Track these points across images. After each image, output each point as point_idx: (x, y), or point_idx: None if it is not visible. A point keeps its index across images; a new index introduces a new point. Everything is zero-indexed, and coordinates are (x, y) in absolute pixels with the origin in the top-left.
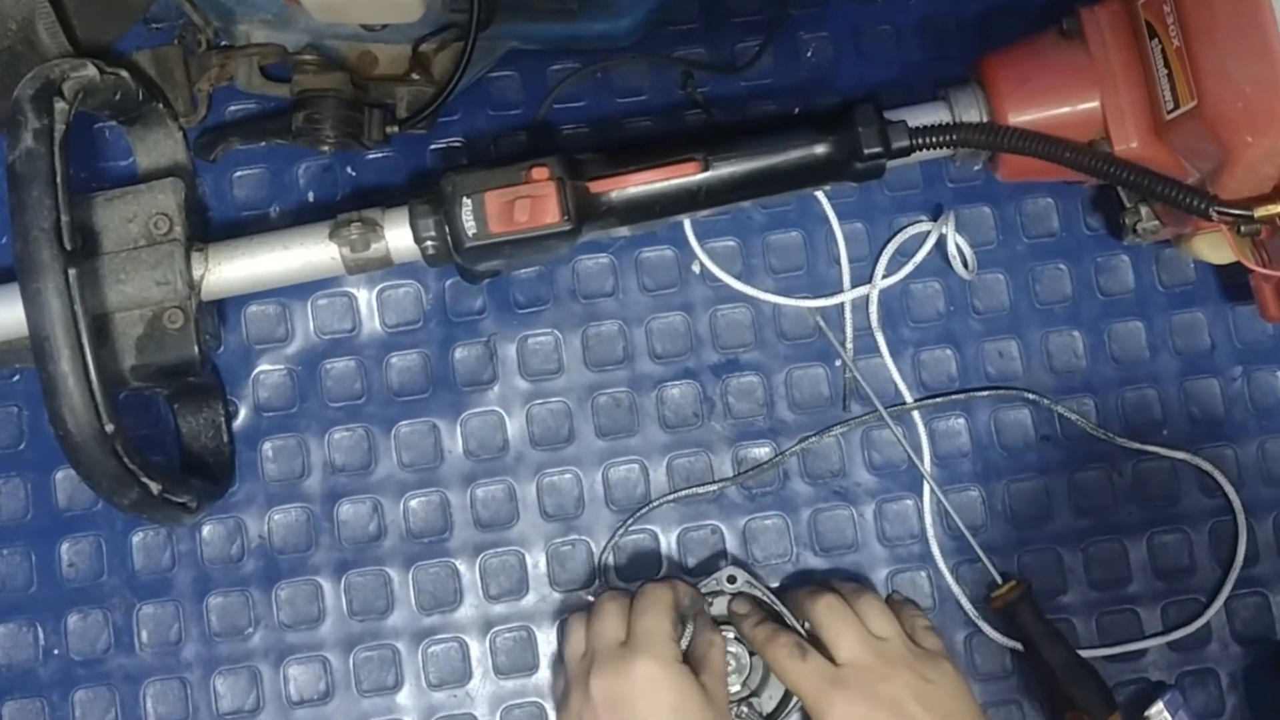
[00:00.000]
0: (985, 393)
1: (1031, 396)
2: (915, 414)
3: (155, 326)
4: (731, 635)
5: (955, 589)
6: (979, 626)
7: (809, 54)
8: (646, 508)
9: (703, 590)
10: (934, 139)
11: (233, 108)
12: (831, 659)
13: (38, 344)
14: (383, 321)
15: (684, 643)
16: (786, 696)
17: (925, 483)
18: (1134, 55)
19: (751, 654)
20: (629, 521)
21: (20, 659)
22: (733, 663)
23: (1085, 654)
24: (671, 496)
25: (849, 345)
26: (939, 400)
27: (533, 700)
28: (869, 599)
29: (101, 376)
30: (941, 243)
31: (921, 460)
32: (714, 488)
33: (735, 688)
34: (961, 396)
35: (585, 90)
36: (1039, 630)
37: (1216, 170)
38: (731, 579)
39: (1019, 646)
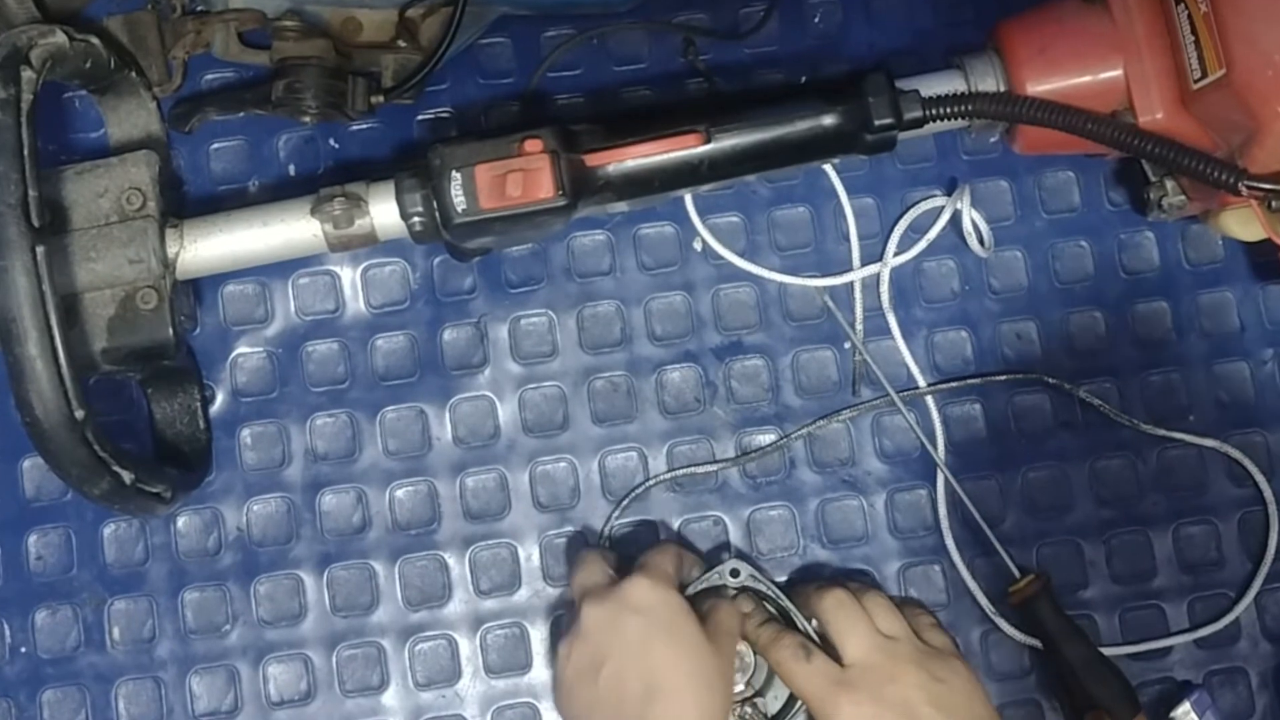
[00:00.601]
0: (1002, 377)
1: (1051, 381)
2: (929, 399)
3: (128, 307)
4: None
5: (971, 584)
6: (995, 623)
7: (816, 19)
8: (642, 486)
9: (704, 585)
10: (948, 109)
11: (209, 76)
12: (838, 659)
13: (3, 325)
14: (367, 302)
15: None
16: (792, 698)
17: (939, 471)
18: (1159, 21)
19: (757, 653)
20: (625, 501)
21: None
22: (737, 661)
23: (1107, 652)
24: (667, 475)
25: (859, 327)
26: (954, 385)
27: (525, 701)
28: (876, 596)
29: (71, 360)
30: (956, 219)
31: (935, 448)
32: (714, 467)
33: (739, 687)
34: (977, 381)
35: (581, 58)
36: (1059, 627)
37: (1246, 142)
38: (735, 572)
39: (1038, 644)
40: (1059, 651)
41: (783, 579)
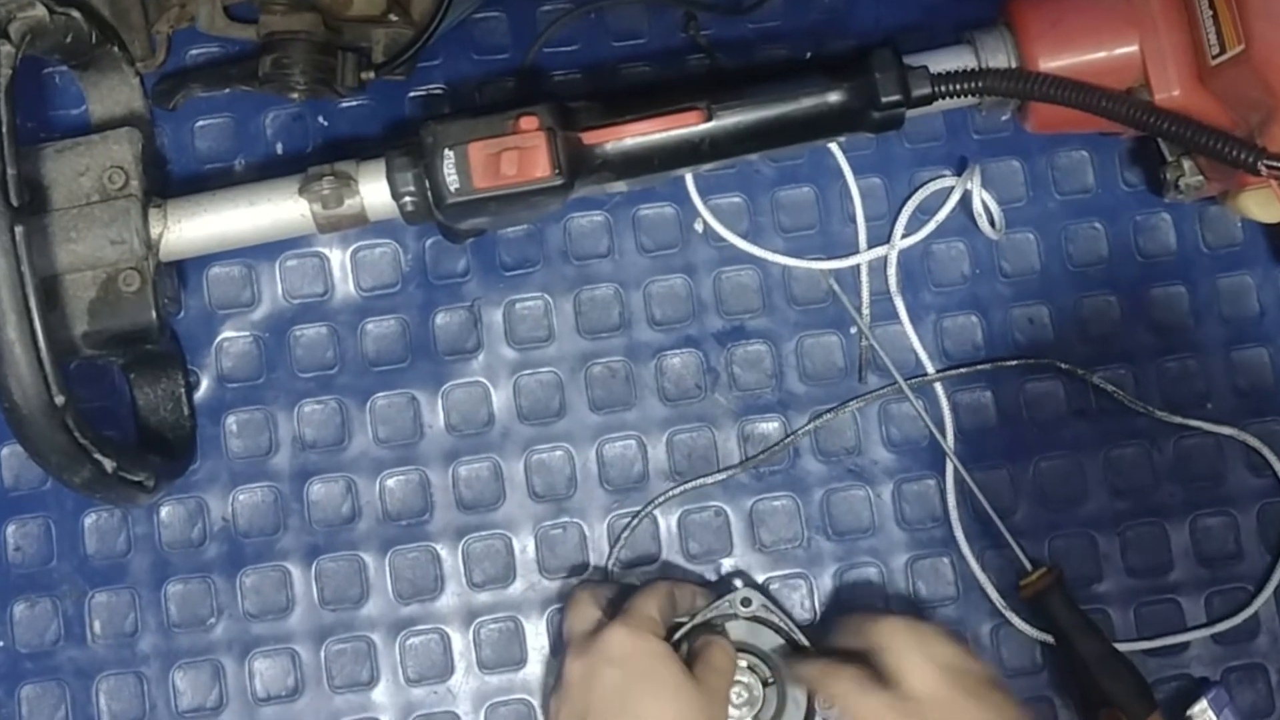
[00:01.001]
0: (1014, 363)
1: (1064, 367)
2: (938, 386)
3: (109, 289)
4: (744, 664)
5: (981, 577)
6: (1006, 618)
7: None
8: (651, 505)
9: (713, 614)
10: (958, 86)
11: (194, 51)
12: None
13: None
14: (357, 284)
15: (681, 645)
16: None
17: (948, 461)
18: None
19: (766, 684)
20: (625, 533)
21: None
22: (744, 694)
23: (1122, 647)
24: (677, 490)
25: (865, 311)
26: (963, 371)
27: (520, 697)
28: (932, 623)
29: (51, 344)
30: (966, 199)
31: (944, 436)
32: (721, 476)
33: None
34: (987, 367)
35: (579, 33)
36: (1072, 621)
37: (1265, 120)
38: (746, 601)
39: (1050, 639)
40: (1072, 647)
41: (788, 571)
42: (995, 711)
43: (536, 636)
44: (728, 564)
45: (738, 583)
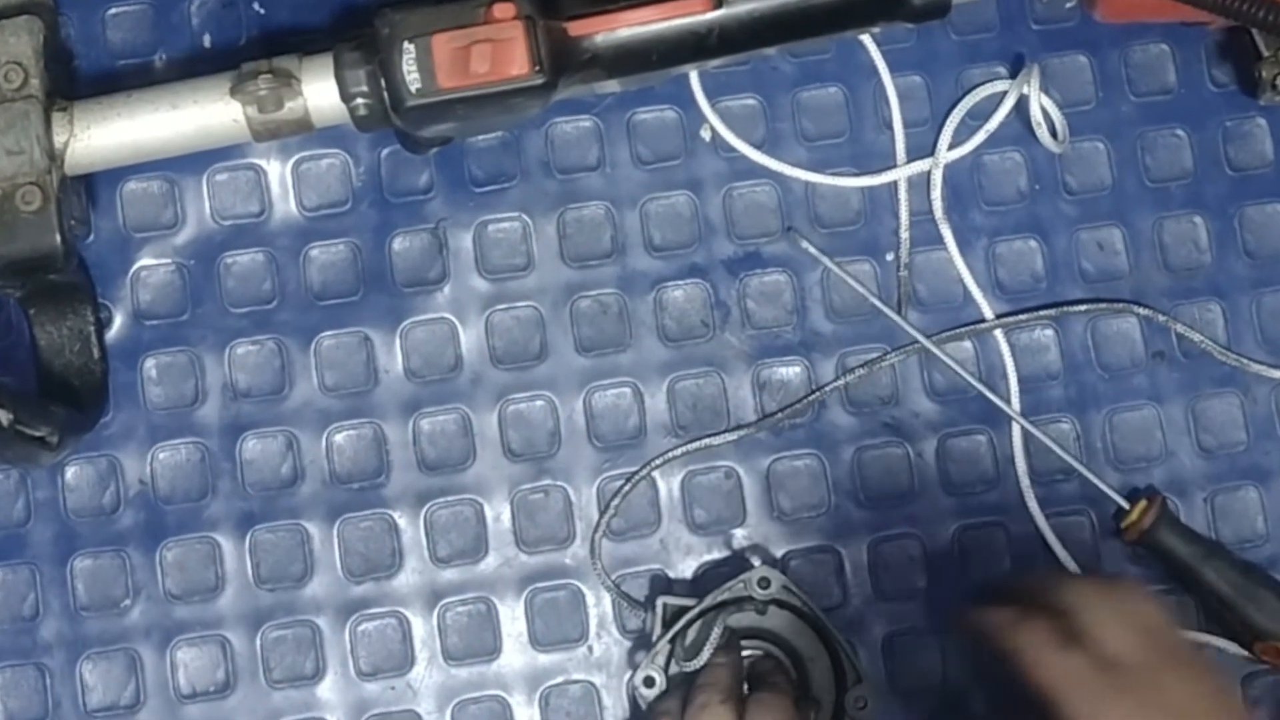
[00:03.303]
0: (1082, 308)
1: (1141, 312)
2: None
3: (4, 209)
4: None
5: (1058, 548)
6: None
7: None
8: (649, 466)
9: (727, 595)
10: None
11: None
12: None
13: None
14: (300, 203)
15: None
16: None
17: (1007, 415)
18: None
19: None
20: (627, 487)
21: None
22: None
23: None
24: (679, 450)
25: (904, 235)
26: (1021, 319)
27: (492, 693)
28: (1128, 581)
29: None
30: (1023, 104)
31: (1006, 386)
32: (732, 436)
33: None
34: (1051, 313)
35: None
36: (1195, 551)
37: None
38: (764, 582)
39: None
40: (1202, 582)
41: (811, 544)
42: (1197, 682)
43: (512, 622)
44: (740, 535)
45: (755, 560)
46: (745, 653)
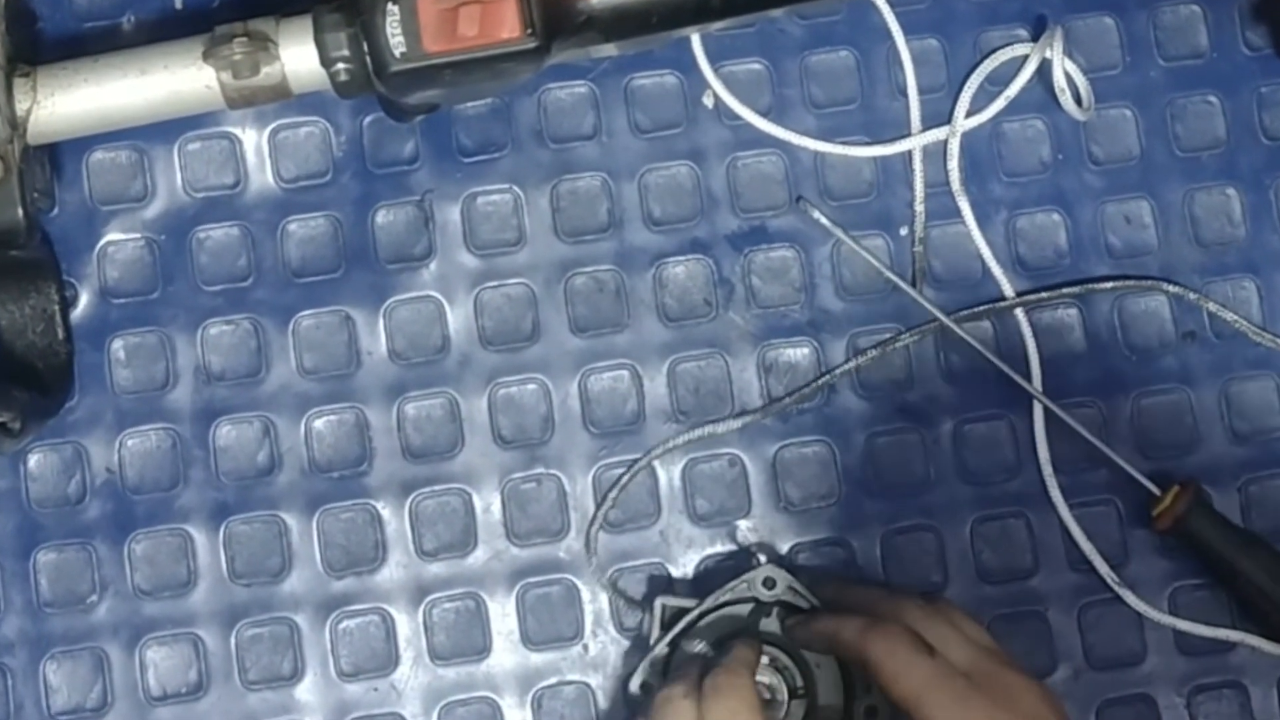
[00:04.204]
0: (1108, 285)
1: (1171, 289)
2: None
3: None
4: (766, 661)
5: (1083, 541)
6: (1117, 593)
7: None
8: (650, 456)
9: (729, 596)
10: None
11: None
12: None
13: None
14: (277, 174)
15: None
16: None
17: (1029, 397)
18: None
19: (794, 695)
20: (625, 479)
21: None
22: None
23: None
24: (681, 439)
25: (919, 208)
26: (1043, 296)
27: (482, 695)
28: (949, 605)
29: None
30: (1046, 68)
31: (1027, 368)
32: (736, 424)
33: None
34: (1076, 290)
35: None
36: (1230, 539)
37: None
38: (769, 582)
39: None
40: (1238, 573)
41: (820, 537)
42: (1030, 691)
43: (503, 619)
44: (744, 527)
45: (760, 558)
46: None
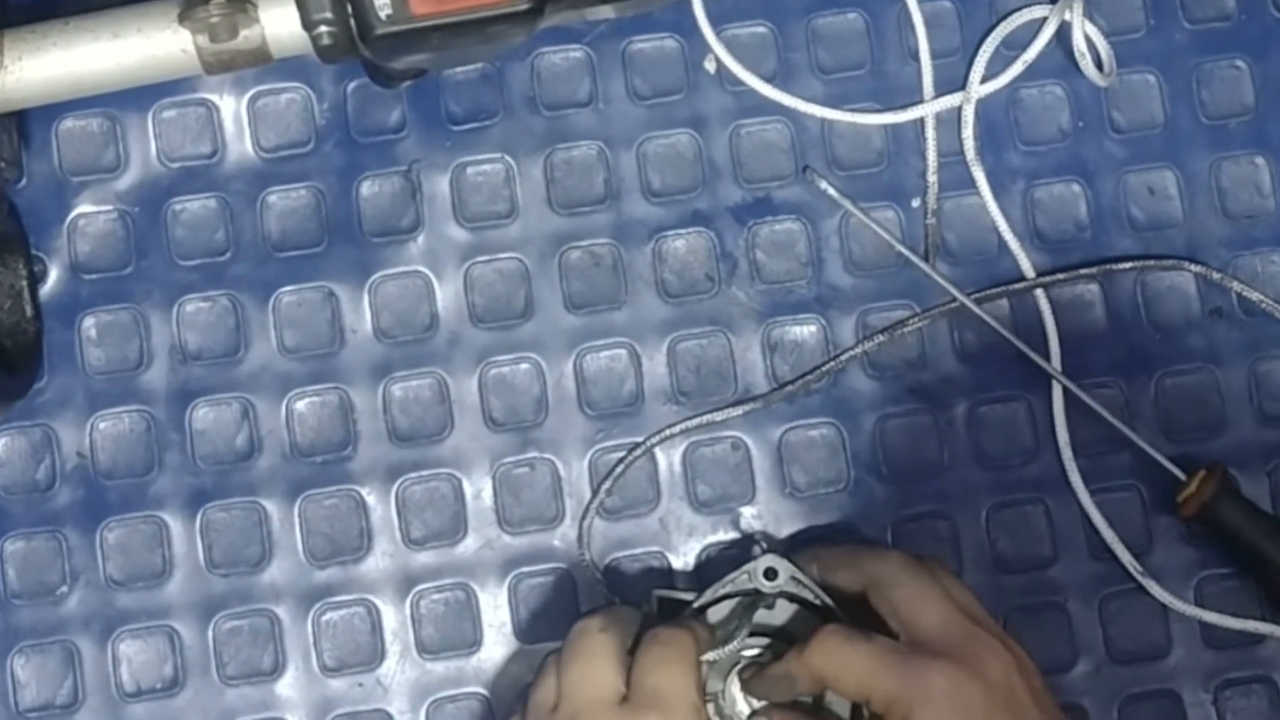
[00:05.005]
0: (1128, 265)
1: (1195, 269)
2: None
3: None
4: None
5: (1103, 526)
6: (1140, 583)
7: None
8: (651, 440)
9: (730, 588)
10: None
11: None
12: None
13: None
14: (256, 143)
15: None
16: None
17: (1048, 377)
18: None
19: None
20: (622, 467)
21: None
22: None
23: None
24: (679, 427)
25: (932, 178)
26: (1061, 278)
27: (472, 690)
28: (938, 562)
29: None
30: (1065, 31)
31: (1046, 347)
32: (738, 411)
33: None
34: (1094, 270)
35: None
36: (1260, 527)
37: None
38: (771, 573)
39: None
40: (1268, 561)
41: (827, 523)
42: (999, 656)
43: (494, 610)
44: (748, 514)
45: (761, 546)
46: (749, 650)
